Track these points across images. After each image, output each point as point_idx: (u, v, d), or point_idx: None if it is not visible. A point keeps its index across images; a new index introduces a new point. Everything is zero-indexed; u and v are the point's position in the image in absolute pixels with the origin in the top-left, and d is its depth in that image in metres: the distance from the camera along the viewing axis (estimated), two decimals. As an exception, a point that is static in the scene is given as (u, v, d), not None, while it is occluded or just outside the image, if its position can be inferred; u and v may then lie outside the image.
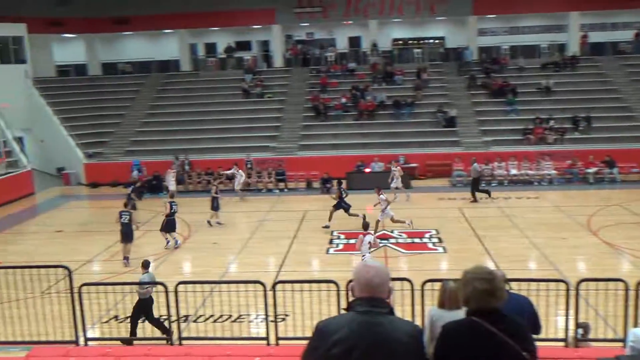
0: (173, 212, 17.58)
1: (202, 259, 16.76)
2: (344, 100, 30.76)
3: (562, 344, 8.12)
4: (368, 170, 26.14)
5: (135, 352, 7.93)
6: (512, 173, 25.56)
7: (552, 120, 28.21)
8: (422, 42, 36.16)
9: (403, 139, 28.70)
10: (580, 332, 8.16)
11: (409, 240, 17.54)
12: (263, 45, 37.35)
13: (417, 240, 17.52)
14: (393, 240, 17.55)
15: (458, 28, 35.42)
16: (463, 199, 22.55)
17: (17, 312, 10.52)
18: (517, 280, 8.15)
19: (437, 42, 36.55)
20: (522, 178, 25.43)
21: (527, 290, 7.14)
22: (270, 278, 12.59)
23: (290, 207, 23.01)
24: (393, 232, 18.34)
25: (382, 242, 17.29)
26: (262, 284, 8.65)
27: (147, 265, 11.41)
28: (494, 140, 27.98)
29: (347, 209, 19.12)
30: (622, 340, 7.53)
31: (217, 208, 20.13)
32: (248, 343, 9.34)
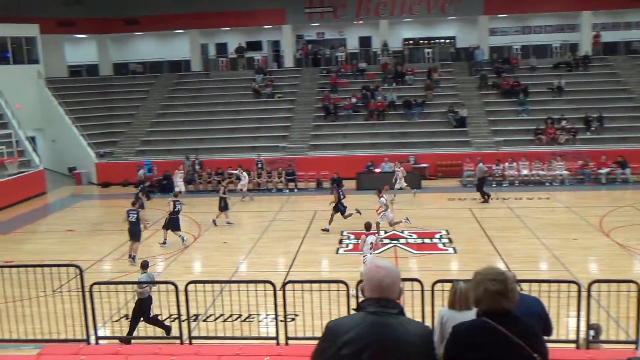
0: (177, 210, 17.80)
1: (212, 259, 16.84)
2: (354, 100, 30.72)
3: (573, 346, 8.06)
4: (378, 171, 26.07)
5: (145, 350, 7.95)
6: (523, 173, 25.41)
7: (563, 121, 28.01)
8: (432, 41, 36.01)
9: (413, 139, 28.65)
10: (592, 333, 8.09)
11: (419, 241, 17.50)
12: (273, 45, 37.38)
13: (427, 241, 17.47)
14: (403, 241, 17.50)
15: (469, 28, 35.27)
16: (473, 199, 22.48)
17: (28, 310, 10.60)
18: (528, 281, 8.10)
19: (448, 41, 36.42)
20: (533, 179, 25.27)
21: (538, 291, 7.09)
22: (280, 278, 12.60)
23: (300, 207, 23.02)
24: (403, 232, 18.31)
25: (392, 242, 17.32)
26: (272, 284, 8.65)
27: (145, 266, 11.47)
28: (505, 141, 27.84)
29: (342, 212, 18.97)
30: (634, 342, 7.47)
31: (225, 208, 20.20)
32: (257, 343, 9.33)
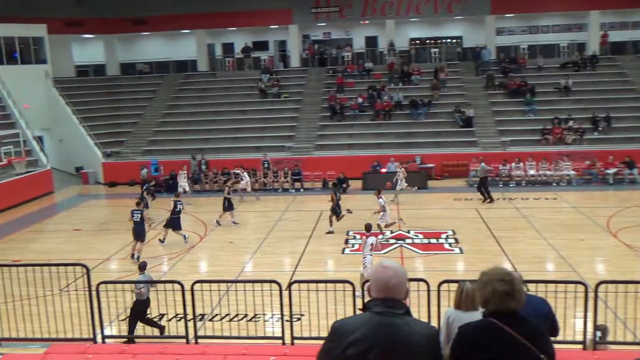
0: (178, 210, 17.87)
1: (218, 258, 16.86)
2: (361, 100, 30.69)
3: (580, 347, 8.04)
4: (384, 171, 26.04)
5: (152, 350, 7.98)
6: (530, 174, 25.32)
7: (571, 121, 27.88)
8: (439, 41, 35.92)
9: (420, 139, 28.59)
10: (599, 334, 8.06)
11: (426, 241, 17.46)
12: (280, 45, 37.42)
13: (433, 241, 17.44)
14: (409, 241, 17.48)
15: (476, 27, 35.18)
16: (480, 199, 22.41)
17: (35, 309, 10.63)
18: (534, 282, 8.07)
19: (454, 41, 36.30)
20: (540, 179, 25.17)
21: (545, 292, 7.06)
22: (286, 278, 12.62)
23: (307, 207, 23.01)
24: (409, 232, 18.29)
25: (398, 242, 17.29)
26: (277, 284, 8.66)
27: (143, 267, 11.48)
28: (512, 141, 27.74)
29: (338, 214, 18.86)
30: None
31: (230, 208, 20.20)
32: (263, 342, 9.34)
